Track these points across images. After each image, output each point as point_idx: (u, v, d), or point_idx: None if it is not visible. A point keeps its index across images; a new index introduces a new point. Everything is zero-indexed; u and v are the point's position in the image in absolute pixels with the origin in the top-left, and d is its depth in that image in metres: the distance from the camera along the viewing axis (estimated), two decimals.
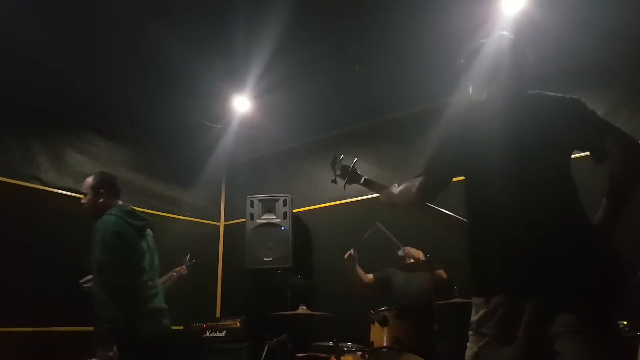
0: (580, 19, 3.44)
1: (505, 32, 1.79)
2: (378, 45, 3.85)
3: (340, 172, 2.22)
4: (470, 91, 1.80)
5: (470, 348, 1.54)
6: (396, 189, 1.97)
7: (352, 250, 4.04)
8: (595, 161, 1.56)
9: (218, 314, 5.64)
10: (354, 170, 2.20)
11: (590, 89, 3.82)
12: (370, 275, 4.19)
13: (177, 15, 3.45)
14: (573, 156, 1.61)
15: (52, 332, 4.17)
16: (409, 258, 4.01)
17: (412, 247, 4.10)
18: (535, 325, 1.41)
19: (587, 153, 1.58)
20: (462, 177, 1.71)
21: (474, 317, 1.55)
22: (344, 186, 2.24)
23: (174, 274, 4.16)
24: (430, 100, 4.57)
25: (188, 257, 4.41)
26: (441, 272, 3.80)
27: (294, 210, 5.23)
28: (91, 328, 3.76)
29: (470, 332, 1.57)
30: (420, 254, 4.02)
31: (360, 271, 4.16)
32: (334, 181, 2.25)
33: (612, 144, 1.50)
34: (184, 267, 4.23)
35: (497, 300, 1.48)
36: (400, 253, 4.06)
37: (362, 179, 2.18)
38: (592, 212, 1.53)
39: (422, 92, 4.50)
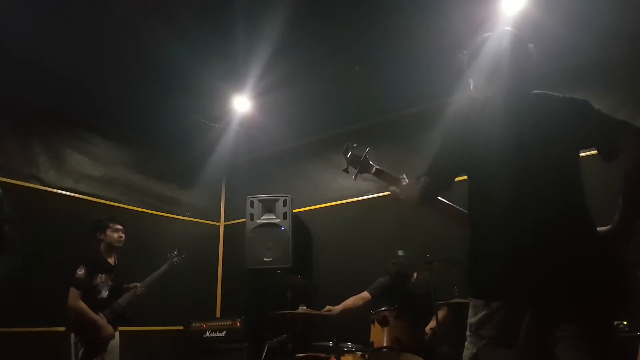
0: (580, 19, 3.44)
1: (507, 28, 1.76)
2: (378, 45, 3.85)
3: (351, 161, 2.16)
4: (472, 87, 1.79)
5: (469, 349, 1.53)
6: (406, 181, 1.94)
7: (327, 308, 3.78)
8: (604, 159, 1.51)
9: (218, 314, 5.64)
10: (366, 159, 2.13)
11: (590, 89, 3.81)
12: (366, 294, 3.94)
13: (178, 15, 3.45)
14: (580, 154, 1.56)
15: (51, 332, 4.17)
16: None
17: (412, 245, 4.07)
18: (536, 329, 1.40)
19: (593, 152, 1.53)
20: (465, 177, 1.69)
21: (472, 319, 1.53)
22: (355, 176, 2.15)
23: (132, 289, 3.94)
24: (430, 100, 4.58)
25: (176, 251, 4.23)
26: (444, 314, 3.54)
27: (294, 210, 5.23)
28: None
29: (468, 333, 1.55)
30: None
31: (351, 302, 3.87)
32: (346, 170, 2.17)
33: (625, 138, 1.44)
34: (140, 286, 3.96)
35: (498, 303, 1.46)
36: (400, 253, 4.04)
37: (374, 169, 2.10)
38: (598, 212, 1.50)
39: (422, 92, 4.50)
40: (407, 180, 1.94)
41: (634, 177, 1.44)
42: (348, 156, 2.15)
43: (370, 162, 2.12)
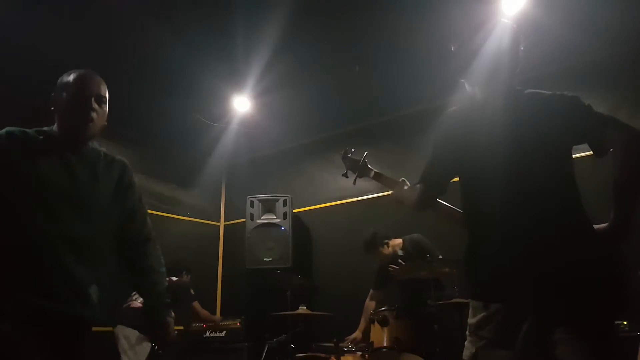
0: (580, 19, 3.44)
1: (505, 21, 1.70)
2: (378, 45, 3.85)
3: (350, 165, 2.20)
4: (467, 88, 1.74)
5: (468, 348, 1.53)
6: (405, 185, 1.96)
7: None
8: (595, 155, 1.50)
9: (218, 314, 5.63)
10: (364, 163, 2.19)
11: (590, 89, 3.81)
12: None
13: (177, 15, 3.45)
14: (574, 156, 1.56)
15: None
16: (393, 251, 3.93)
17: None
18: (535, 330, 1.39)
19: (588, 153, 1.53)
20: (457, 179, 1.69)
21: (472, 320, 1.53)
22: (354, 181, 2.21)
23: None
24: (430, 100, 4.57)
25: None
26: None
27: (294, 210, 5.24)
28: None
29: (467, 334, 1.55)
30: (397, 246, 3.91)
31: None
32: (345, 175, 2.24)
33: (612, 133, 1.43)
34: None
35: (497, 304, 1.46)
36: (400, 253, 4.04)
37: (372, 173, 2.15)
38: (592, 212, 1.49)
39: (422, 92, 4.50)
40: (408, 184, 1.95)
41: (624, 174, 1.42)
42: (347, 161, 2.19)
43: (369, 166, 2.18)
